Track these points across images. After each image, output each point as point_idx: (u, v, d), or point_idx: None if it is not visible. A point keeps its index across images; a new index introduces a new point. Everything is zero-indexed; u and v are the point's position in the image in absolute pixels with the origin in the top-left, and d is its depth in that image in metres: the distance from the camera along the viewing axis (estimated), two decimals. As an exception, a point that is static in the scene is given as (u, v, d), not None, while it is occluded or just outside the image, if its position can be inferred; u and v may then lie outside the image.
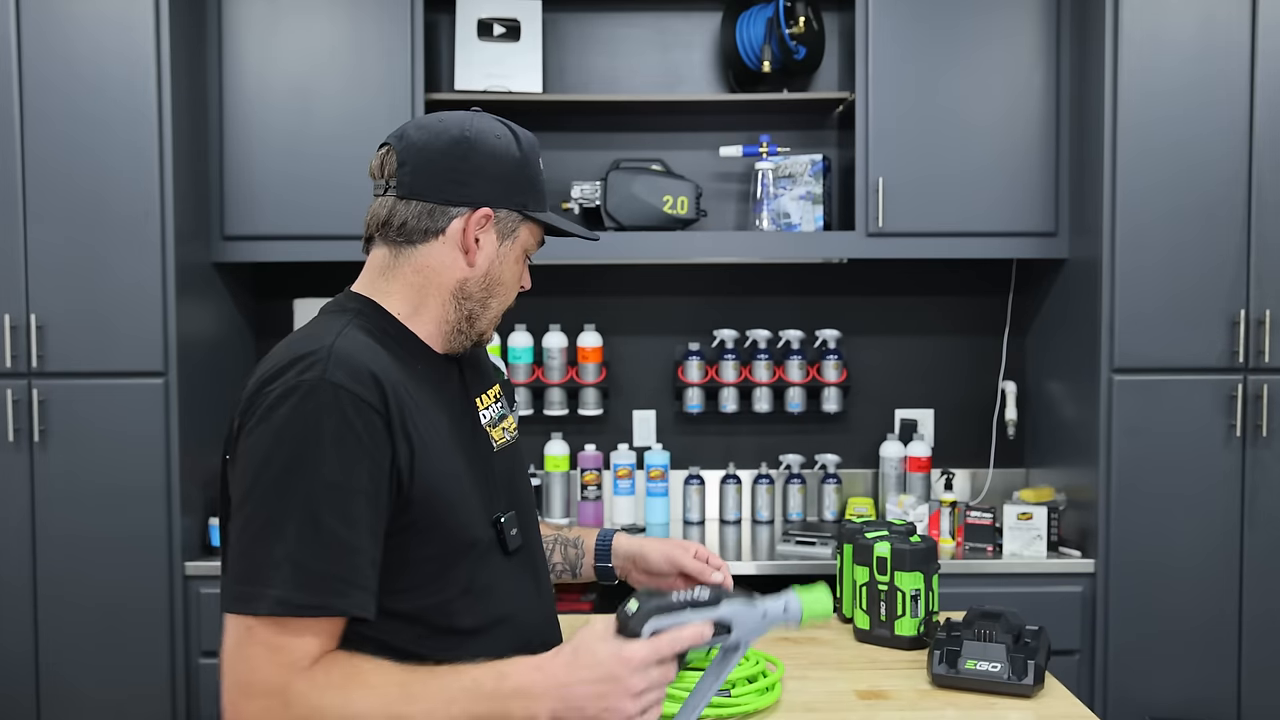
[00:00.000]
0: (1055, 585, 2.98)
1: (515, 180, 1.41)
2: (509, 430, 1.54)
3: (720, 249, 3.29)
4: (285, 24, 3.10)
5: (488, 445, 1.47)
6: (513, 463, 1.52)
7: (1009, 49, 3.13)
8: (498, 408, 1.53)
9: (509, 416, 1.56)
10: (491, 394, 1.54)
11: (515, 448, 1.55)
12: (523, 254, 1.46)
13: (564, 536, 1.77)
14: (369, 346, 1.32)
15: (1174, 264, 2.91)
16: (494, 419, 1.51)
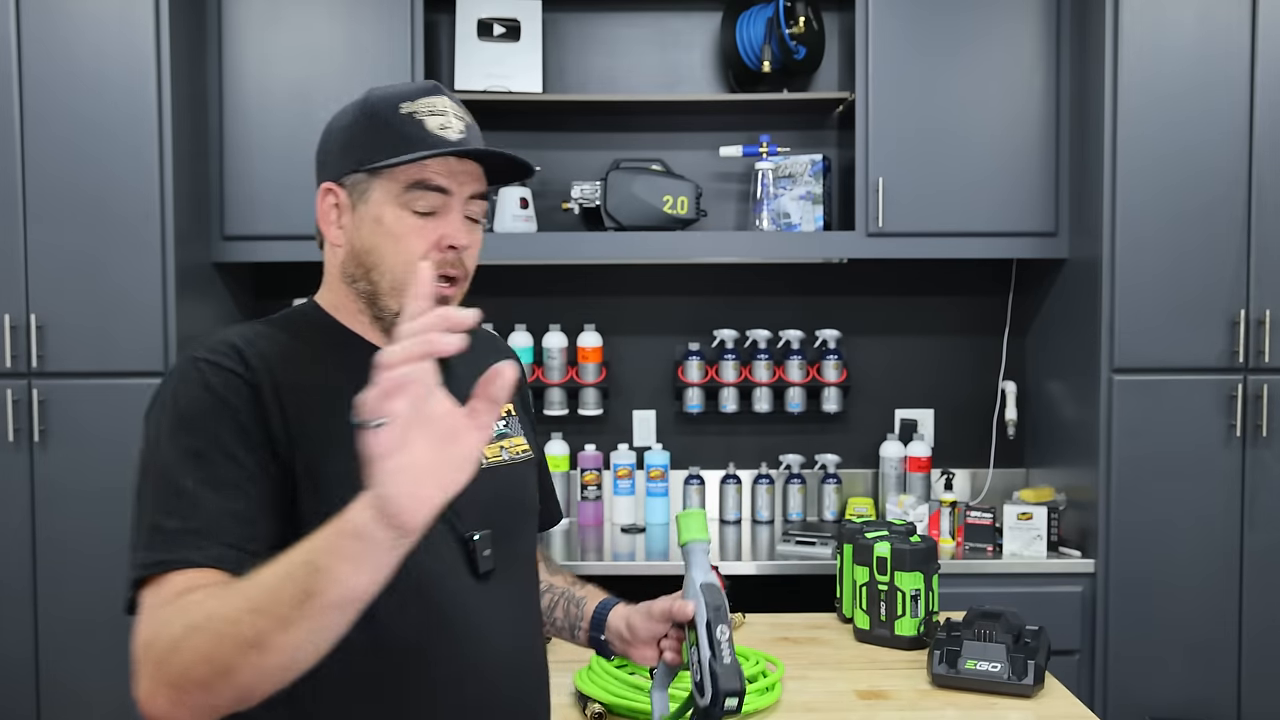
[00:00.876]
0: (1055, 585, 2.97)
1: (351, 143, 1.30)
2: (509, 450, 1.43)
3: (720, 249, 3.29)
4: (285, 24, 3.10)
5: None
6: (503, 484, 1.39)
7: (1009, 49, 3.13)
8: (498, 426, 1.42)
9: (515, 438, 1.45)
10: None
11: (512, 470, 1.42)
12: (392, 210, 1.28)
13: (572, 593, 1.60)
14: (264, 334, 1.28)
15: (1174, 264, 2.91)
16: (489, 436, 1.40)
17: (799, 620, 2.24)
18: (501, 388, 1.00)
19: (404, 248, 1.27)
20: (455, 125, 1.29)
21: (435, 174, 1.27)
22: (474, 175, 1.31)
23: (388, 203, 1.27)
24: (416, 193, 1.27)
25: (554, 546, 3.18)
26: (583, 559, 3.05)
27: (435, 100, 1.30)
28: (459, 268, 1.30)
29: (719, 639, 1.25)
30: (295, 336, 1.30)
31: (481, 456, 1.30)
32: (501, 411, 1.39)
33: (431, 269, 1.05)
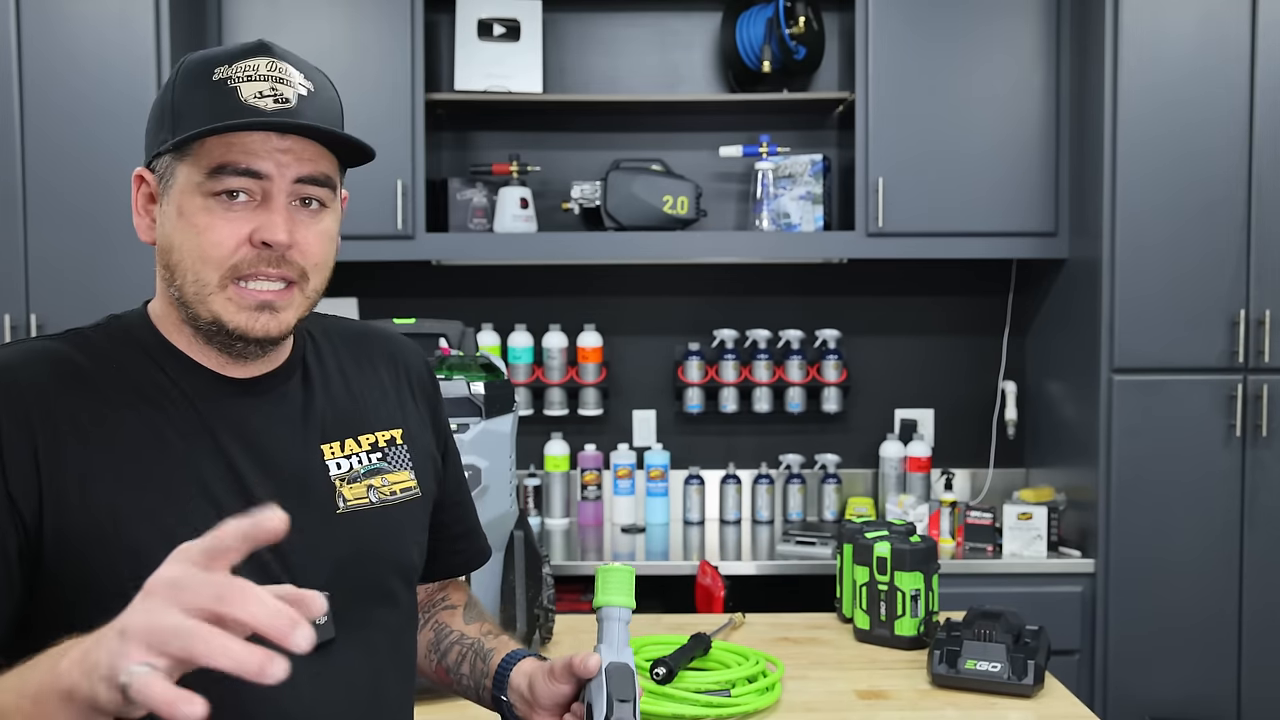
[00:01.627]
0: (1055, 585, 2.98)
1: (160, 118, 1.07)
2: (380, 490, 1.16)
3: (720, 249, 3.29)
4: (285, 24, 3.10)
5: (325, 503, 1.11)
6: (362, 533, 1.13)
7: (1009, 49, 3.13)
8: (369, 460, 1.17)
9: (394, 473, 1.19)
10: (365, 441, 1.17)
11: (380, 515, 1.15)
12: (194, 199, 1.04)
13: (481, 645, 1.30)
14: (42, 354, 1.05)
15: (1174, 264, 2.91)
16: (353, 473, 1.14)
17: (799, 620, 2.24)
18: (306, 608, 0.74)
19: (206, 244, 1.04)
20: (280, 92, 1.04)
21: (246, 154, 1.02)
22: (305, 155, 1.06)
23: (190, 191, 1.04)
24: (222, 178, 1.03)
25: (553, 548, 3.17)
26: (583, 559, 3.05)
27: (255, 62, 1.05)
28: (288, 268, 1.06)
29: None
30: (95, 355, 1.07)
31: (340, 498, 1.12)
32: (373, 439, 1.18)
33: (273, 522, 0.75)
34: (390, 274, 3.42)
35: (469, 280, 3.50)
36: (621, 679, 1.09)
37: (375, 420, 1.20)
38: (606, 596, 1.15)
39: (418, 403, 1.27)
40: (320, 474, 1.12)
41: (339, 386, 1.19)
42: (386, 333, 1.32)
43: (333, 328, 1.25)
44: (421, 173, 3.09)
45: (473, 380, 1.90)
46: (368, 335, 1.28)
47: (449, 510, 1.32)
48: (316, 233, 1.09)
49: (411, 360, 1.30)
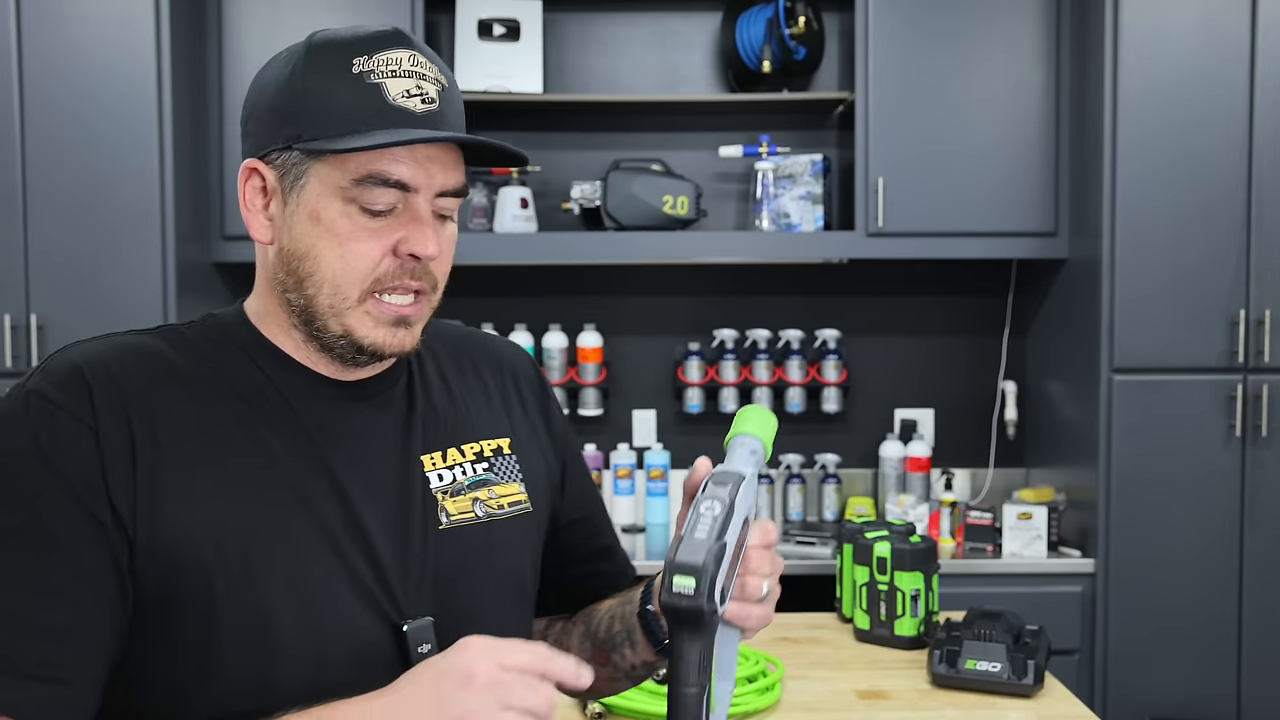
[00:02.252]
0: (1055, 585, 2.97)
1: (283, 108, 0.97)
2: (488, 504, 1.08)
3: (720, 249, 3.29)
4: (285, 24, 3.10)
5: (427, 518, 1.03)
6: (469, 550, 1.05)
7: (1009, 49, 3.13)
8: (474, 471, 1.09)
9: (501, 485, 1.10)
10: (469, 451, 1.09)
11: (487, 531, 1.07)
12: (335, 206, 0.96)
13: (630, 595, 1.20)
14: (136, 350, 0.97)
15: (1174, 264, 2.91)
16: (457, 485, 1.07)
17: (799, 620, 2.24)
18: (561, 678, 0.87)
19: (349, 255, 0.97)
20: (425, 91, 0.97)
21: (396, 163, 0.96)
22: (448, 163, 1.00)
23: (329, 195, 0.96)
24: (369, 187, 0.96)
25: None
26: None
27: (397, 55, 0.97)
28: (425, 279, 1.02)
29: (700, 514, 0.90)
30: (191, 353, 0.99)
31: (443, 512, 1.04)
32: (478, 448, 1.10)
33: None
34: (390, 274, 3.42)
35: (469, 280, 3.50)
36: (727, 477, 0.93)
37: (480, 428, 1.12)
38: (738, 428, 1.01)
39: (528, 410, 1.18)
40: (421, 486, 1.04)
41: (440, 393, 1.11)
42: (490, 337, 1.24)
43: (434, 332, 1.15)
44: (421, 173, 3.09)
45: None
46: (471, 340, 1.20)
47: (578, 527, 1.21)
48: (449, 241, 1.05)
49: (519, 365, 1.21)
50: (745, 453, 0.99)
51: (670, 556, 0.86)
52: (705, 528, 0.89)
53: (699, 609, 0.85)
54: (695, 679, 0.88)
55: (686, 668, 0.88)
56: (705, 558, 0.85)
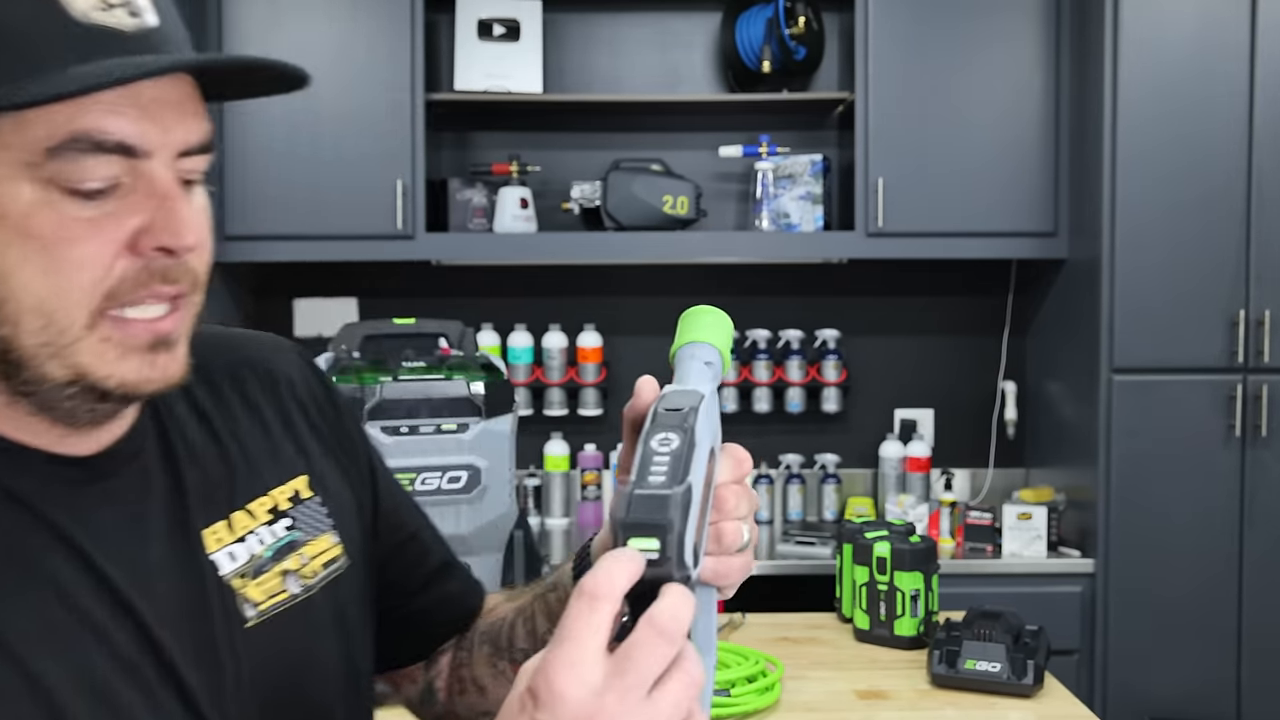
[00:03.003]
0: (1055, 585, 2.98)
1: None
2: (301, 574, 0.82)
3: (720, 249, 3.29)
4: (285, 24, 3.10)
5: (229, 619, 0.77)
6: (294, 638, 0.80)
7: (1009, 49, 3.13)
8: (274, 534, 0.82)
9: (312, 541, 0.84)
10: (260, 510, 0.82)
11: (305, 613, 0.81)
12: (31, 193, 0.64)
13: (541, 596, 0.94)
14: None
15: (1173, 264, 2.91)
16: (256, 561, 0.80)
17: (798, 620, 2.25)
18: None
19: (62, 263, 0.66)
20: (130, 2, 0.65)
21: (112, 114, 0.65)
22: (185, 105, 0.69)
23: (14, 177, 0.64)
24: (75, 158, 0.64)
25: (553, 548, 3.17)
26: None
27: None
28: (183, 278, 0.73)
29: (652, 451, 0.67)
30: None
31: (247, 606, 0.78)
32: (271, 501, 0.83)
33: None
34: (390, 274, 3.42)
35: (469, 280, 3.50)
36: (682, 396, 0.70)
37: (267, 474, 0.84)
38: (686, 334, 0.79)
39: (315, 426, 0.90)
40: (210, 577, 0.76)
41: (202, 437, 0.82)
42: (244, 339, 0.94)
43: None
44: (421, 173, 3.09)
45: (473, 380, 1.90)
46: (219, 349, 0.88)
47: (407, 550, 0.96)
48: (204, 218, 0.76)
49: (291, 368, 0.93)
50: (699, 365, 0.76)
51: (620, 513, 0.63)
52: (662, 470, 0.66)
53: (667, 577, 0.63)
54: None
55: None
56: (669, 510, 0.64)
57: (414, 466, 1.93)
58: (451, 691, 0.98)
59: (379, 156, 3.10)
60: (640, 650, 0.56)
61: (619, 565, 0.57)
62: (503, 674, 0.94)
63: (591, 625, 0.56)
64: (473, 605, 1.00)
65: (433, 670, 0.99)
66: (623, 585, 0.57)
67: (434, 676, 0.99)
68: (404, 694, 1.00)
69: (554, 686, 0.55)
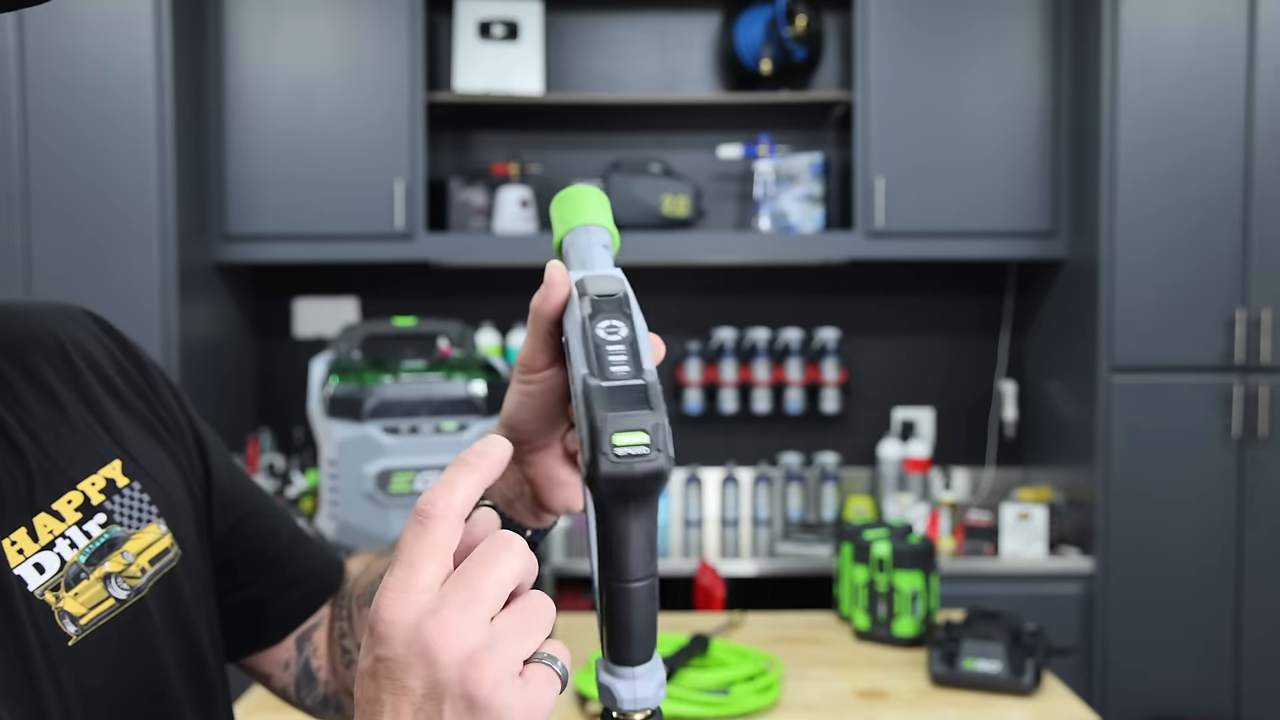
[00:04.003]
0: (1054, 585, 2.98)
1: None
2: (131, 573, 0.73)
3: (720, 249, 3.29)
4: (285, 24, 3.11)
5: (45, 640, 0.67)
6: (130, 647, 0.72)
7: (1008, 50, 3.13)
8: (88, 534, 0.72)
9: (140, 533, 0.74)
10: (68, 508, 0.72)
11: (144, 607, 0.73)
12: None
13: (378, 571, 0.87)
14: None
15: (1172, 264, 2.91)
16: (70, 569, 0.70)
17: (798, 620, 2.25)
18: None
19: None
20: None
21: None
22: None
23: None
24: None
25: (553, 548, 3.18)
26: (583, 559, 3.05)
27: None
28: None
29: (604, 340, 0.62)
30: None
31: (68, 620, 0.68)
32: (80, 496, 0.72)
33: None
34: (390, 274, 3.43)
35: (469, 280, 3.51)
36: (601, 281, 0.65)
37: (71, 463, 0.73)
38: (575, 217, 0.72)
39: (123, 397, 0.80)
40: (18, 594, 0.67)
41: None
42: (18, 309, 0.79)
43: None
44: (421, 173, 3.10)
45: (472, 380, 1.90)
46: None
47: (249, 526, 0.87)
48: None
49: (79, 337, 0.80)
50: (600, 249, 0.71)
51: (594, 413, 0.58)
52: (621, 359, 0.61)
53: (660, 470, 0.58)
54: (645, 566, 0.61)
55: (633, 555, 0.60)
56: (650, 400, 0.59)
57: (414, 466, 1.94)
58: (334, 666, 0.90)
59: (379, 157, 3.10)
60: (479, 562, 0.53)
61: (459, 478, 0.53)
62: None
63: (422, 545, 0.52)
64: (332, 579, 0.92)
65: (306, 650, 0.91)
66: (461, 503, 0.53)
67: (309, 655, 0.91)
68: (278, 682, 0.92)
69: (383, 615, 0.52)
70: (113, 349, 0.82)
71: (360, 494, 1.93)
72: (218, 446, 0.87)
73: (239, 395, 3.37)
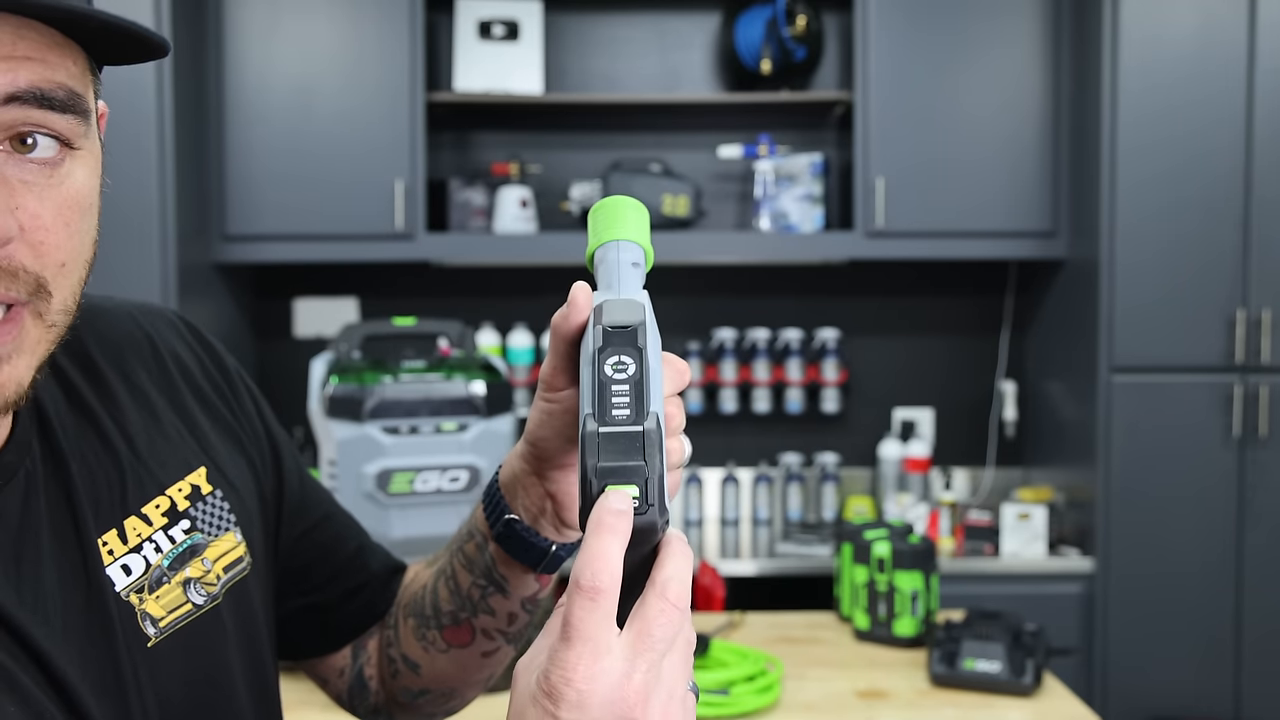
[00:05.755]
0: (1054, 585, 2.98)
1: None
2: (204, 581, 0.74)
3: (720, 249, 3.29)
4: (285, 24, 3.10)
5: (128, 640, 0.69)
6: (204, 653, 0.74)
7: (1008, 50, 3.13)
8: (173, 539, 0.73)
9: (216, 541, 0.76)
10: (155, 513, 0.73)
11: (219, 614, 0.75)
12: None
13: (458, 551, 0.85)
14: None
15: (1172, 264, 2.91)
16: (154, 572, 0.72)
17: (798, 620, 2.25)
18: None
19: None
20: None
21: None
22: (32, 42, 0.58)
23: None
24: None
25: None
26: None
27: None
28: (14, 283, 0.63)
29: (609, 379, 0.59)
30: None
31: (149, 622, 0.70)
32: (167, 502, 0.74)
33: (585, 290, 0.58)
34: (390, 274, 3.43)
35: (469, 280, 3.51)
36: (622, 308, 0.61)
37: (160, 468, 0.75)
38: (608, 232, 0.68)
39: (208, 401, 0.81)
40: (108, 593, 0.68)
41: (89, 438, 0.72)
42: (114, 309, 0.80)
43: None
44: (421, 173, 3.10)
45: (472, 380, 1.90)
46: (97, 330, 0.77)
47: (320, 533, 0.89)
48: (58, 203, 0.63)
49: (171, 341, 0.81)
50: (627, 268, 0.66)
51: (585, 461, 0.56)
52: (624, 401, 0.58)
53: (650, 525, 0.56)
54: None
55: (624, 600, 0.56)
56: (646, 451, 0.56)
57: (414, 466, 1.94)
58: (383, 676, 0.92)
59: (379, 157, 3.10)
60: (657, 625, 0.54)
61: (612, 548, 0.54)
62: (432, 644, 0.87)
63: (597, 619, 0.53)
64: (393, 589, 0.93)
65: (361, 658, 0.93)
66: (619, 569, 0.54)
67: (363, 664, 0.92)
68: (333, 689, 0.94)
69: (576, 684, 0.52)
70: (200, 354, 0.84)
71: (360, 494, 1.93)
72: (292, 454, 0.88)
73: (239, 395, 3.36)
